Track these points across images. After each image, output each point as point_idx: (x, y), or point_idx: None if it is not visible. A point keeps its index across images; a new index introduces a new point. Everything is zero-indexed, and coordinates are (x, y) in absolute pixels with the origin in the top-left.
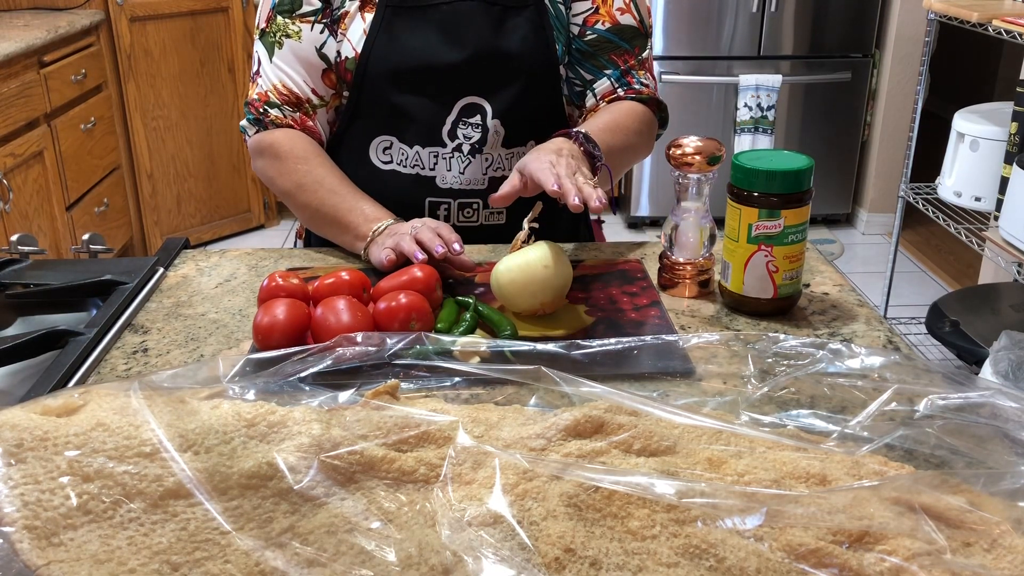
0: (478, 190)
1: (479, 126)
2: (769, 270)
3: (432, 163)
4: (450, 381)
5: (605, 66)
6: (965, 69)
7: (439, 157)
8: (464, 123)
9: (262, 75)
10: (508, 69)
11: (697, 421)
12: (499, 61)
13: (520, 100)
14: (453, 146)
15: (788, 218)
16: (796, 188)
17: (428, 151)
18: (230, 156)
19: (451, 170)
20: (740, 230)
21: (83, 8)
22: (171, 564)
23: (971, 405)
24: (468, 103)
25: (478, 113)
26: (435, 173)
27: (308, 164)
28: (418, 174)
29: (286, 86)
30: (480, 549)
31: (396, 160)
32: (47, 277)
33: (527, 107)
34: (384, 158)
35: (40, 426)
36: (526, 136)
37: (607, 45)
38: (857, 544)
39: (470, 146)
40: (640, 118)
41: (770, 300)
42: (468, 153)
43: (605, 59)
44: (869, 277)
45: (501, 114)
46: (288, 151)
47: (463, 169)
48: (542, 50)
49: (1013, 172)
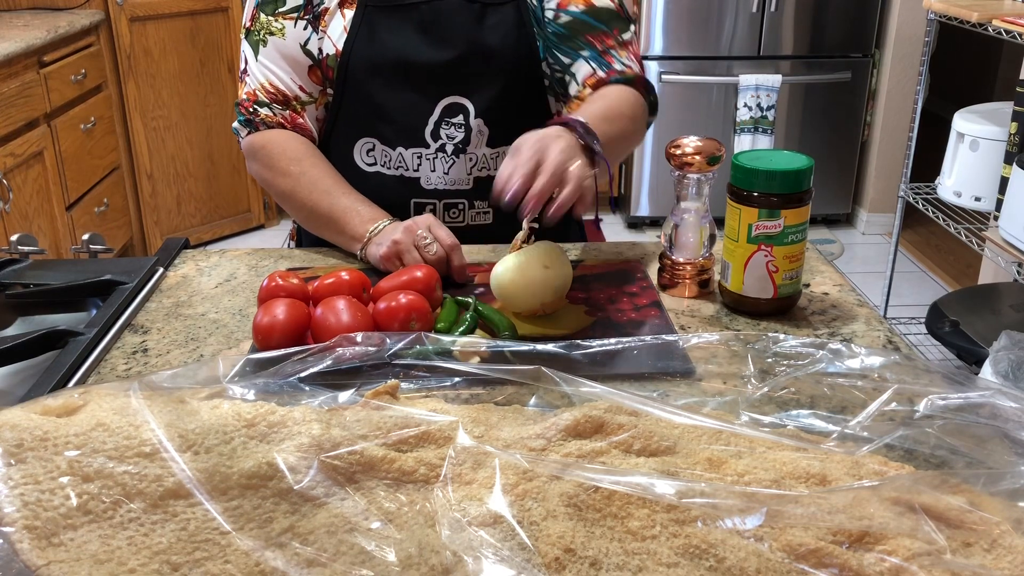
0: (463, 190)
1: (462, 126)
2: (769, 270)
3: (416, 164)
4: (450, 381)
5: (581, 47)
6: (965, 69)
7: (423, 158)
8: (447, 123)
9: (250, 74)
10: (489, 67)
11: (697, 421)
12: (480, 59)
13: (502, 98)
14: (436, 146)
15: (788, 218)
16: (796, 188)
17: (411, 152)
18: (230, 156)
19: (435, 171)
20: (740, 230)
21: (83, 8)
22: (171, 564)
23: (971, 405)
24: (450, 103)
25: (460, 112)
26: (419, 174)
27: (301, 165)
28: (402, 175)
29: (273, 84)
30: (480, 549)
31: (380, 162)
32: (47, 277)
33: (510, 105)
34: (368, 160)
35: (40, 426)
36: (511, 135)
37: (581, 26)
38: (857, 544)
39: (453, 146)
40: (632, 103)
41: (770, 300)
42: (452, 153)
43: (581, 40)
44: (869, 277)
45: (484, 113)
46: (281, 153)
47: (447, 169)
48: (523, 47)
49: (1013, 172)
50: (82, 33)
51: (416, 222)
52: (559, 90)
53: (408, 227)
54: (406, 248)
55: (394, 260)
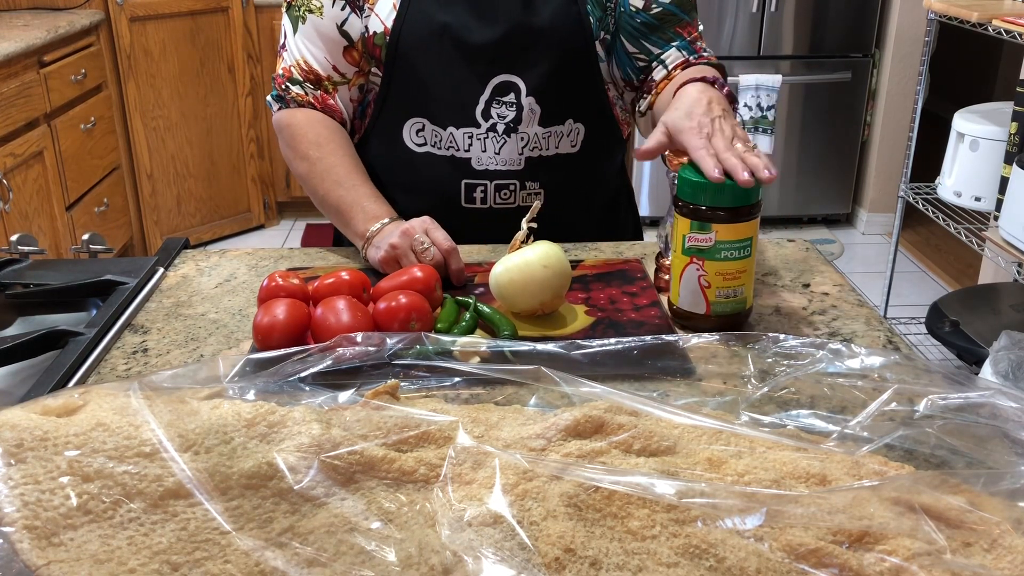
0: (515, 171)
1: (513, 104)
2: (701, 285)
3: (467, 144)
4: (450, 381)
5: (672, 38)
6: (965, 69)
7: (473, 138)
8: (498, 102)
9: (288, 49)
10: (540, 44)
11: (697, 421)
12: (530, 36)
13: (554, 76)
14: (487, 126)
15: (720, 232)
16: (732, 203)
17: (462, 132)
18: (230, 156)
19: (486, 151)
20: (678, 240)
21: (83, 8)
22: (171, 564)
23: (971, 405)
24: (501, 81)
25: (512, 91)
26: (470, 154)
27: (321, 151)
28: (453, 156)
29: (307, 62)
30: (480, 549)
31: (430, 142)
32: (47, 277)
33: (562, 83)
34: (418, 140)
35: (40, 426)
36: (563, 114)
37: (672, 18)
38: (857, 544)
39: (505, 125)
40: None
41: (704, 316)
42: (503, 132)
43: (671, 31)
44: (869, 277)
45: (535, 91)
46: (303, 135)
47: (499, 149)
48: (574, 25)
49: (1013, 172)
50: (82, 33)
51: (413, 225)
52: (636, 77)
53: (405, 230)
54: (403, 252)
55: (392, 264)
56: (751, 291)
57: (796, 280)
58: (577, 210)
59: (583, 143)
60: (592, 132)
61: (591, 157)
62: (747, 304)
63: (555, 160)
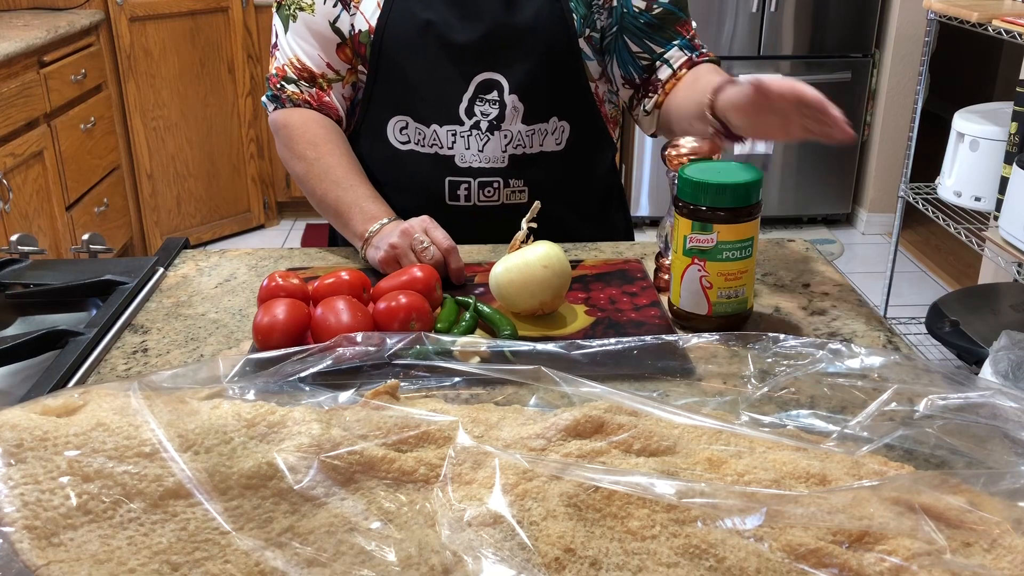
0: (498, 168)
1: (496, 102)
2: (703, 285)
3: (450, 142)
4: (450, 381)
5: (673, 36)
6: (965, 69)
7: (457, 135)
8: (481, 99)
9: (280, 48)
10: (523, 43)
11: (697, 421)
12: (513, 35)
13: (538, 74)
14: (471, 124)
15: (722, 233)
16: (733, 203)
17: (446, 129)
18: (230, 156)
19: (469, 148)
20: (678, 241)
21: (83, 8)
22: (171, 564)
23: (971, 405)
24: (484, 79)
25: (495, 89)
26: (454, 152)
27: (317, 150)
28: (437, 153)
29: (301, 60)
30: (480, 549)
31: (414, 140)
32: (47, 277)
33: (545, 81)
34: (402, 138)
35: (40, 426)
36: (547, 112)
37: (672, 17)
38: (857, 544)
39: (488, 123)
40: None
41: (705, 317)
42: (487, 130)
43: (672, 30)
44: (869, 277)
45: (518, 89)
46: (300, 135)
47: (482, 147)
48: (557, 23)
49: (1013, 172)
50: (82, 33)
51: (412, 225)
52: (638, 76)
53: (405, 230)
54: (403, 252)
55: (392, 264)
56: (752, 291)
57: (796, 280)
58: (564, 209)
59: (569, 141)
60: (578, 130)
61: (577, 156)
62: (748, 304)
63: (540, 158)
